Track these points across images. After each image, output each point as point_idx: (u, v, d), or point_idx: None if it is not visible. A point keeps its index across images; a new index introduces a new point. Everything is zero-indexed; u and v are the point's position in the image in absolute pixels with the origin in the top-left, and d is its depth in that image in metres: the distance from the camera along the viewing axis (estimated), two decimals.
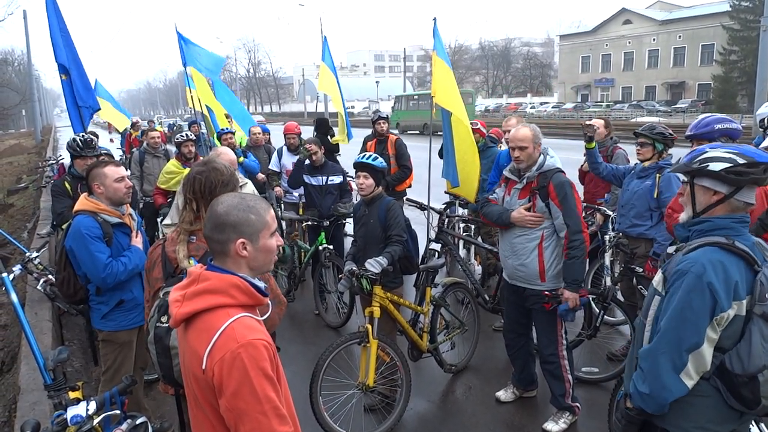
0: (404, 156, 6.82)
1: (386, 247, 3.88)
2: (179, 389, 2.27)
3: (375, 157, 3.98)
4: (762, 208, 3.10)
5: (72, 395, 2.41)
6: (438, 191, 6.61)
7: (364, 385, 3.64)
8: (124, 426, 2.17)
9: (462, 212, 6.89)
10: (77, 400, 2.27)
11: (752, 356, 1.88)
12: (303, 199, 6.33)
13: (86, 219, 3.13)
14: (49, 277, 5.08)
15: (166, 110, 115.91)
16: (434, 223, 6.22)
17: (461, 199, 6.60)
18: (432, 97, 5.78)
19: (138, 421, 2.21)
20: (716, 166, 1.95)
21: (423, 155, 6.81)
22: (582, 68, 64.09)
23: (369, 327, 3.63)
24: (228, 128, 8.05)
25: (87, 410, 2.14)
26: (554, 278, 3.59)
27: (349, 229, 6.27)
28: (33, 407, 3.55)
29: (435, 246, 5.90)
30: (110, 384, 3.17)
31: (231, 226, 1.65)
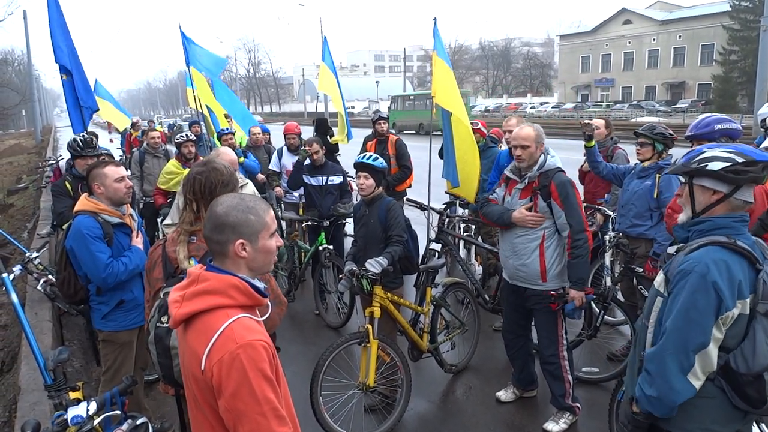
0: (404, 156, 6.83)
1: (386, 248, 3.88)
2: (179, 389, 2.27)
3: (375, 158, 3.98)
4: (762, 208, 3.10)
5: (72, 395, 2.41)
6: (438, 191, 6.61)
7: (365, 386, 3.64)
8: (125, 426, 2.17)
9: (462, 212, 6.89)
10: (78, 401, 2.26)
11: (757, 355, 1.87)
12: (303, 200, 6.33)
13: (87, 219, 3.13)
14: (50, 278, 5.09)
15: (166, 110, 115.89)
16: (434, 224, 6.22)
17: (461, 200, 6.60)
18: (430, 98, 5.77)
19: (138, 422, 2.21)
20: (715, 166, 1.95)
21: (423, 155, 6.82)
22: (582, 68, 64.07)
23: (369, 327, 3.63)
24: (228, 128, 8.05)
25: (87, 410, 2.14)
26: (555, 278, 3.59)
27: (349, 229, 6.27)
28: (33, 407, 3.55)
29: (435, 246, 5.90)
30: (111, 384, 3.17)
31: (230, 227, 1.65)
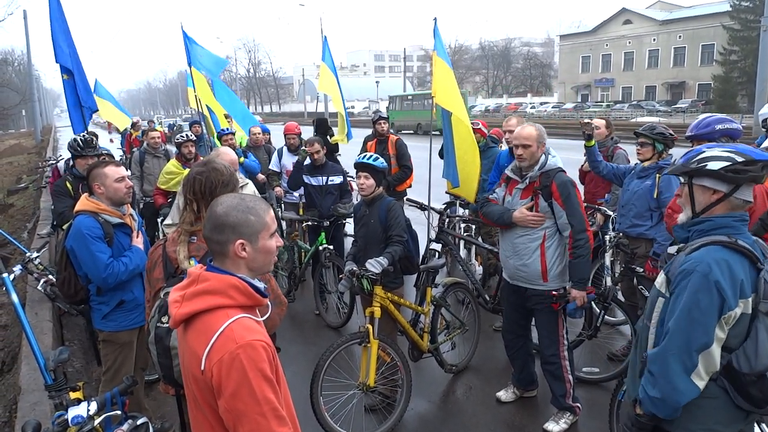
0: (405, 156, 6.83)
1: (387, 248, 3.88)
2: (180, 390, 2.28)
3: (376, 158, 3.98)
4: (763, 208, 3.10)
5: (73, 395, 2.41)
6: (438, 191, 6.61)
7: (365, 386, 3.64)
8: (125, 426, 2.17)
9: (462, 212, 6.89)
10: (78, 401, 2.26)
11: (759, 354, 1.87)
12: (303, 200, 6.33)
13: (87, 219, 3.13)
14: (50, 278, 5.09)
15: (166, 110, 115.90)
16: (434, 224, 6.22)
17: (462, 200, 6.59)
18: (428, 98, 5.78)
19: (139, 422, 2.21)
20: (715, 165, 1.95)
21: (423, 155, 6.81)
22: (582, 68, 64.06)
23: (369, 327, 3.62)
24: (228, 128, 8.04)
25: (88, 411, 2.14)
26: (556, 278, 3.58)
27: (350, 229, 6.27)
28: (34, 407, 3.55)
29: (435, 246, 5.90)
30: (111, 384, 3.17)
31: (230, 227, 1.65)
